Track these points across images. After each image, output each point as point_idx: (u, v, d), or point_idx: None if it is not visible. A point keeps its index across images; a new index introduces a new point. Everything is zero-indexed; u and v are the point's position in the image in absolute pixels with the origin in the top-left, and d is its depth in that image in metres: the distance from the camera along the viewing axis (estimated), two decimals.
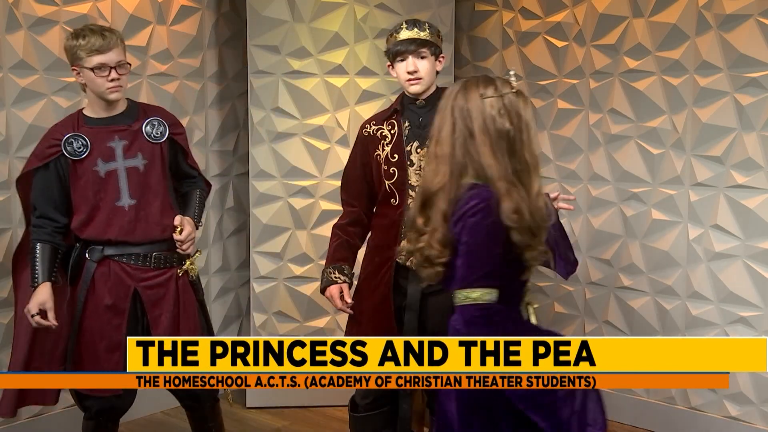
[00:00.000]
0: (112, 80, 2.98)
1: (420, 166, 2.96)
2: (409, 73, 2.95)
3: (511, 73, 2.23)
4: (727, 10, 3.71)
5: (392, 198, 3.02)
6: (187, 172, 3.27)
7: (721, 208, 3.81)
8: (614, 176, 4.15)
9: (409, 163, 3.00)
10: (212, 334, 3.24)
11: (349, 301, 3.08)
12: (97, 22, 3.96)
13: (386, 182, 3.02)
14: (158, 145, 3.11)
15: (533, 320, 2.33)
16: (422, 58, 2.96)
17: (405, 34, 2.96)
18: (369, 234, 3.20)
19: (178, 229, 3.08)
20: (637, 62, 4.01)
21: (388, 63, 3.06)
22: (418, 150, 3.00)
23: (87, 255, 3.06)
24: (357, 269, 3.20)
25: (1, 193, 3.73)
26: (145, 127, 3.10)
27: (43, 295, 2.98)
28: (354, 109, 4.32)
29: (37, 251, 3.01)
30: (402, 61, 2.96)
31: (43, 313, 2.96)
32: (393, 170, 3.00)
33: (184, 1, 4.34)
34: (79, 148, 3.01)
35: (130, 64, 3.09)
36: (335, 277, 3.09)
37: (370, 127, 3.10)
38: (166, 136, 3.13)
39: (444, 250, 2.13)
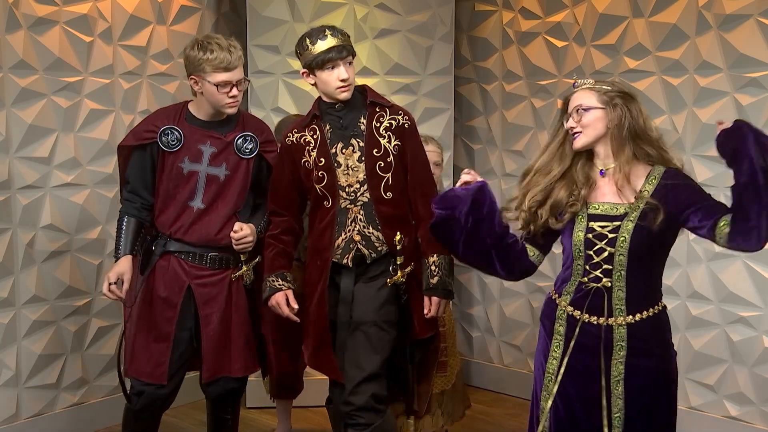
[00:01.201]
0: (233, 96, 3.05)
1: (347, 166, 3.01)
2: (342, 81, 2.95)
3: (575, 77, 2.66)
4: (727, 10, 3.71)
5: (325, 200, 3.04)
6: (267, 190, 3.27)
7: None
8: None
9: (336, 164, 3.01)
10: (258, 340, 3.29)
11: (295, 306, 3.08)
12: (97, 22, 3.96)
13: (317, 186, 3.04)
14: (245, 160, 3.16)
15: None
16: (349, 64, 2.98)
17: (332, 41, 2.94)
18: (308, 237, 3.19)
19: (238, 228, 3.14)
20: (637, 62, 4.01)
21: (305, 71, 3.01)
22: (343, 151, 3.02)
23: (153, 247, 3.17)
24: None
25: (1, 193, 3.73)
26: (238, 140, 3.15)
27: (123, 266, 3.11)
28: None
29: (124, 224, 3.15)
30: (332, 68, 2.95)
31: (119, 283, 3.09)
32: (322, 174, 3.02)
33: (184, 1, 4.34)
34: (173, 141, 3.10)
35: (249, 80, 3.13)
36: (279, 285, 3.08)
37: (293, 135, 3.09)
38: (256, 152, 3.18)
39: None
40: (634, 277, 2.50)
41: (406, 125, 3.05)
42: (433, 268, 3.04)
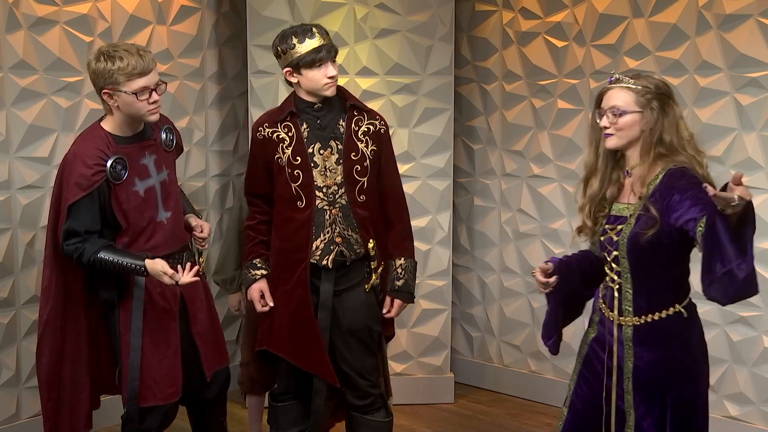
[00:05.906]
0: (153, 102, 2.89)
1: (325, 167, 3.02)
2: (330, 78, 2.98)
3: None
4: (727, 10, 3.71)
5: (298, 200, 3.04)
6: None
7: None
8: None
9: (313, 164, 3.02)
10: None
11: (271, 304, 3.11)
12: (97, 22, 3.96)
13: (292, 185, 3.03)
14: (172, 152, 3.11)
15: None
16: (334, 62, 3.02)
17: (319, 40, 2.97)
18: (272, 237, 3.16)
19: (199, 229, 3.14)
20: (637, 62, 4.01)
21: (288, 69, 3.00)
22: (321, 151, 3.04)
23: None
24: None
25: (1, 193, 3.73)
26: (162, 135, 3.06)
27: (158, 262, 2.87)
28: None
29: (110, 253, 2.87)
30: (320, 66, 2.96)
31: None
32: (297, 173, 3.03)
33: (184, 1, 4.34)
34: (121, 170, 2.90)
35: (166, 83, 2.97)
36: (252, 275, 3.13)
37: (264, 130, 3.09)
38: (176, 142, 3.13)
39: None
40: (642, 279, 2.45)
41: (382, 131, 3.12)
42: (399, 270, 3.13)
